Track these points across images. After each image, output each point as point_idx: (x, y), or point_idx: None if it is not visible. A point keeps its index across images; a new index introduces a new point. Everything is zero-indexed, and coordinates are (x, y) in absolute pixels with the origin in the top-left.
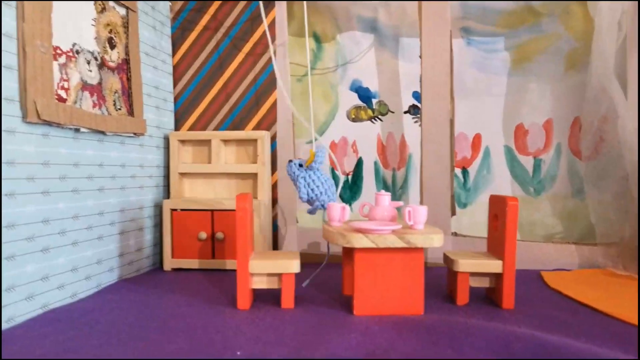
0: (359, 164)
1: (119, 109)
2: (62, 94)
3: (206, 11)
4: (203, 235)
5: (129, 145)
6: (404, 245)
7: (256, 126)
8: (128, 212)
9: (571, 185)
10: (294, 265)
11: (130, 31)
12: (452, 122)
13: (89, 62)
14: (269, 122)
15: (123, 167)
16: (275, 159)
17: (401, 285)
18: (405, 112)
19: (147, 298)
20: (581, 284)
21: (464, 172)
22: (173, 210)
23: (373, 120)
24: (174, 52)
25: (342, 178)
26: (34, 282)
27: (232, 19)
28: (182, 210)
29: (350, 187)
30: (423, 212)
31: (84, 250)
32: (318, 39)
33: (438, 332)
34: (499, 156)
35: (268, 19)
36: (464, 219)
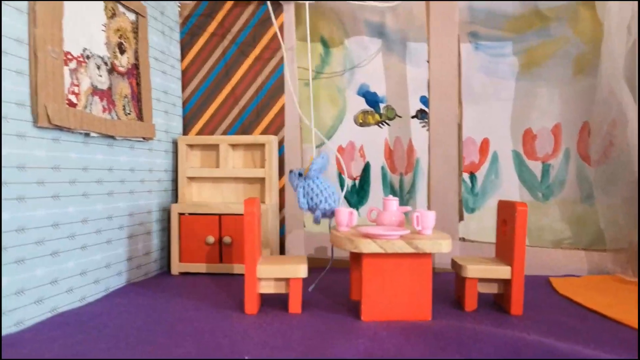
0: (366, 168)
1: (129, 113)
2: (73, 98)
3: (215, 16)
4: (210, 239)
5: (138, 150)
6: (412, 251)
7: (264, 131)
8: (137, 216)
9: (580, 190)
10: (302, 270)
11: (140, 36)
12: (460, 126)
13: (99, 67)
14: (276, 126)
15: (132, 171)
16: (283, 164)
17: (409, 290)
18: (413, 117)
19: (154, 302)
20: (590, 290)
21: (472, 176)
22: (181, 214)
23: (380, 124)
24: (183, 57)
25: (348, 182)
26: (43, 285)
27: (240, 24)
28: (190, 214)
29: (357, 191)
30: (431, 218)
31: (93, 254)
32: (326, 44)
33: (446, 338)
34: (507, 161)
35: (276, 23)
36: (472, 224)
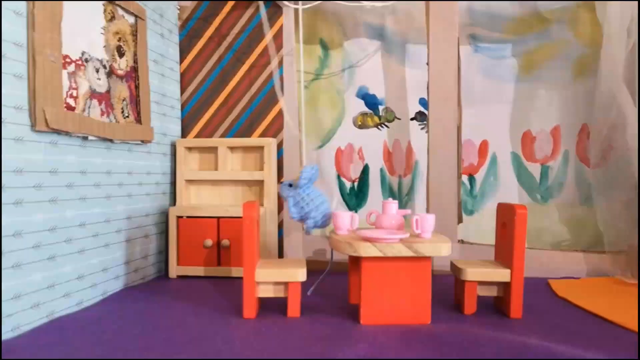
0: (365, 170)
1: (127, 116)
2: (71, 102)
3: (214, 19)
4: (209, 242)
5: (136, 153)
6: (412, 255)
7: (263, 133)
8: (134, 219)
9: (579, 192)
10: (300, 274)
11: (139, 39)
12: (459, 128)
13: (97, 71)
14: (275, 129)
15: (130, 174)
16: (281, 166)
17: (408, 294)
18: (412, 119)
19: (152, 307)
20: (590, 292)
21: (471, 179)
22: (179, 217)
23: (379, 127)
24: (182, 59)
25: (347, 185)
26: (40, 290)
27: (239, 26)
28: (188, 217)
29: (356, 194)
30: (431, 221)
31: (90, 258)
32: (325, 46)
33: (446, 342)
34: (506, 163)
35: (276, 26)
36: (471, 226)
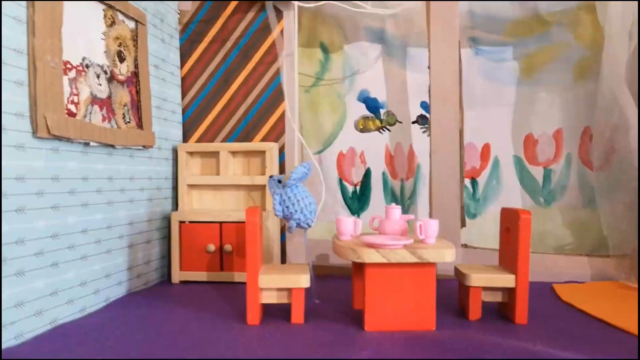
0: (367, 174)
1: (128, 122)
2: (72, 108)
3: (214, 23)
4: (211, 247)
5: (137, 158)
6: (416, 261)
7: (264, 137)
8: (136, 225)
9: (582, 195)
10: (304, 280)
11: (139, 44)
12: (461, 132)
13: (98, 76)
14: (277, 133)
15: (132, 180)
16: (283, 170)
17: (413, 300)
18: (414, 123)
19: (155, 313)
20: (594, 297)
21: (473, 182)
22: (181, 222)
23: (381, 130)
24: (182, 64)
25: (350, 189)
26: (43, 297)
27: (240, 31)
28: (191, 222)
29: (358, 198)
30: (434, 226)
31: (93, 265)
32: (325, 50)
33: (452, 350)
34: (509, 166)
35: (276, 29)
36: (474, 229)
